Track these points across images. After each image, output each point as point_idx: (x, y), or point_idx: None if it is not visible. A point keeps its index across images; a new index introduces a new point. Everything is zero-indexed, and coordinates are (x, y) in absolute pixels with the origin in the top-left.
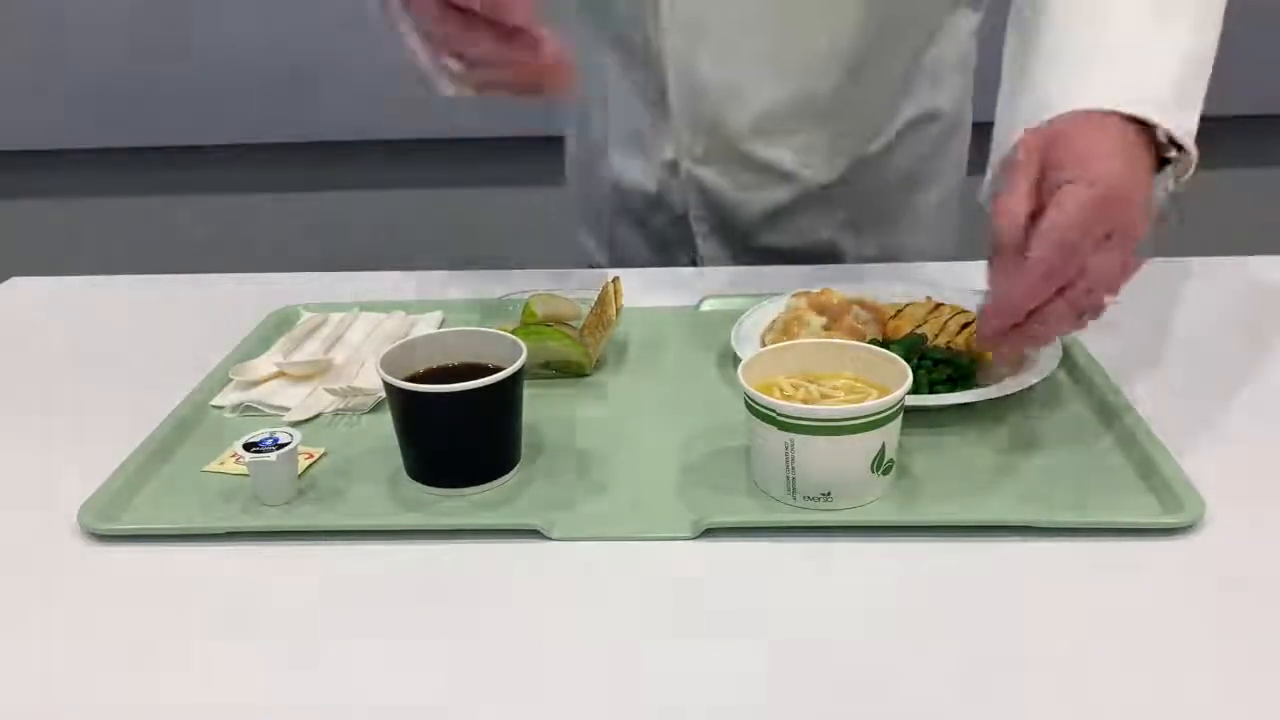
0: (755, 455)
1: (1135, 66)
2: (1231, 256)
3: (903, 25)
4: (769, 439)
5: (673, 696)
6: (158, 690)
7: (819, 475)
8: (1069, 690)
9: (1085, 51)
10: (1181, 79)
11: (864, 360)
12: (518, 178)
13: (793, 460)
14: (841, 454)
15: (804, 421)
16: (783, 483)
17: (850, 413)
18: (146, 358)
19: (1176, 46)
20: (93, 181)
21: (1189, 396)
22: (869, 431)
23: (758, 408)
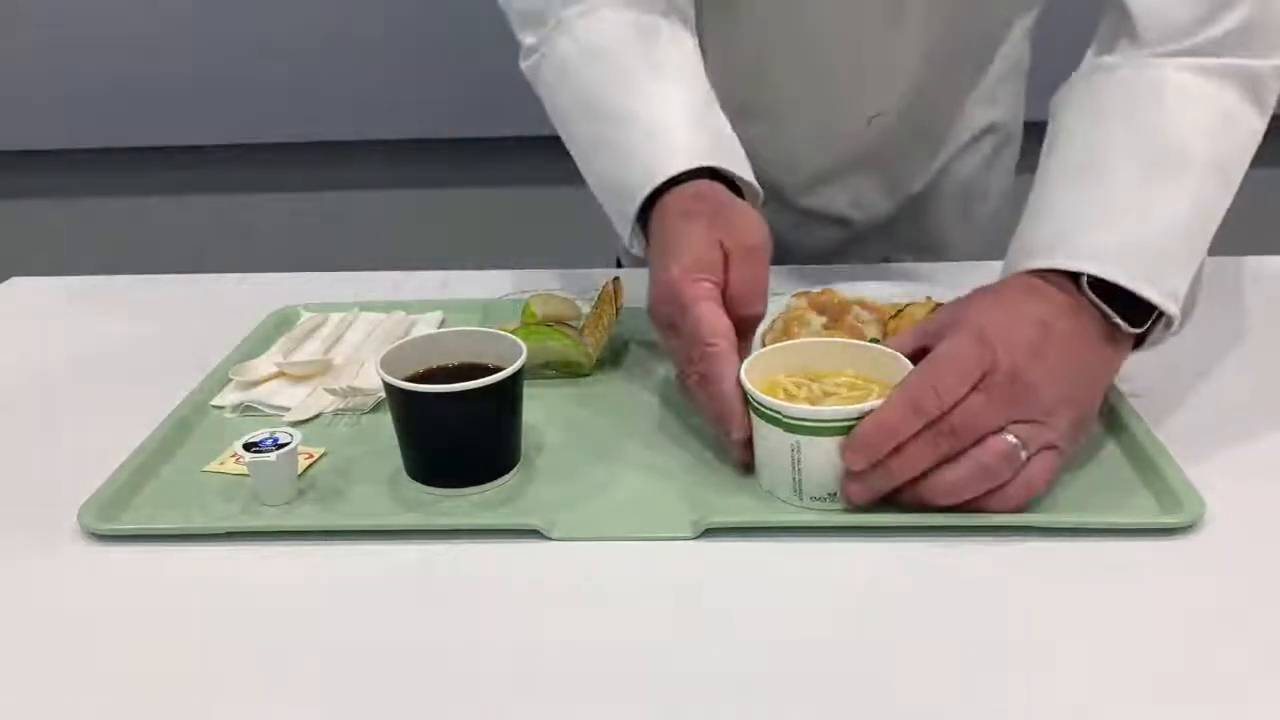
0: (760, 457)
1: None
2: (1231, 256)
3: (955, 75)
4: (774, 440)
5: (673, 696)
6: (158, 690)
7: (826, 475)
8: (1069, 690)
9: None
10: (1173, 239)
11: (865, 357)
12: (518, 178)
13: (799, 462)
14: None
15: (810, 423)
16: (789, 484)
17: (856, 412)
18: (146, 358)
19: (1176, 203)
20: (93, 181)
21: (1189, 396)
22: None
23: (763, 410)
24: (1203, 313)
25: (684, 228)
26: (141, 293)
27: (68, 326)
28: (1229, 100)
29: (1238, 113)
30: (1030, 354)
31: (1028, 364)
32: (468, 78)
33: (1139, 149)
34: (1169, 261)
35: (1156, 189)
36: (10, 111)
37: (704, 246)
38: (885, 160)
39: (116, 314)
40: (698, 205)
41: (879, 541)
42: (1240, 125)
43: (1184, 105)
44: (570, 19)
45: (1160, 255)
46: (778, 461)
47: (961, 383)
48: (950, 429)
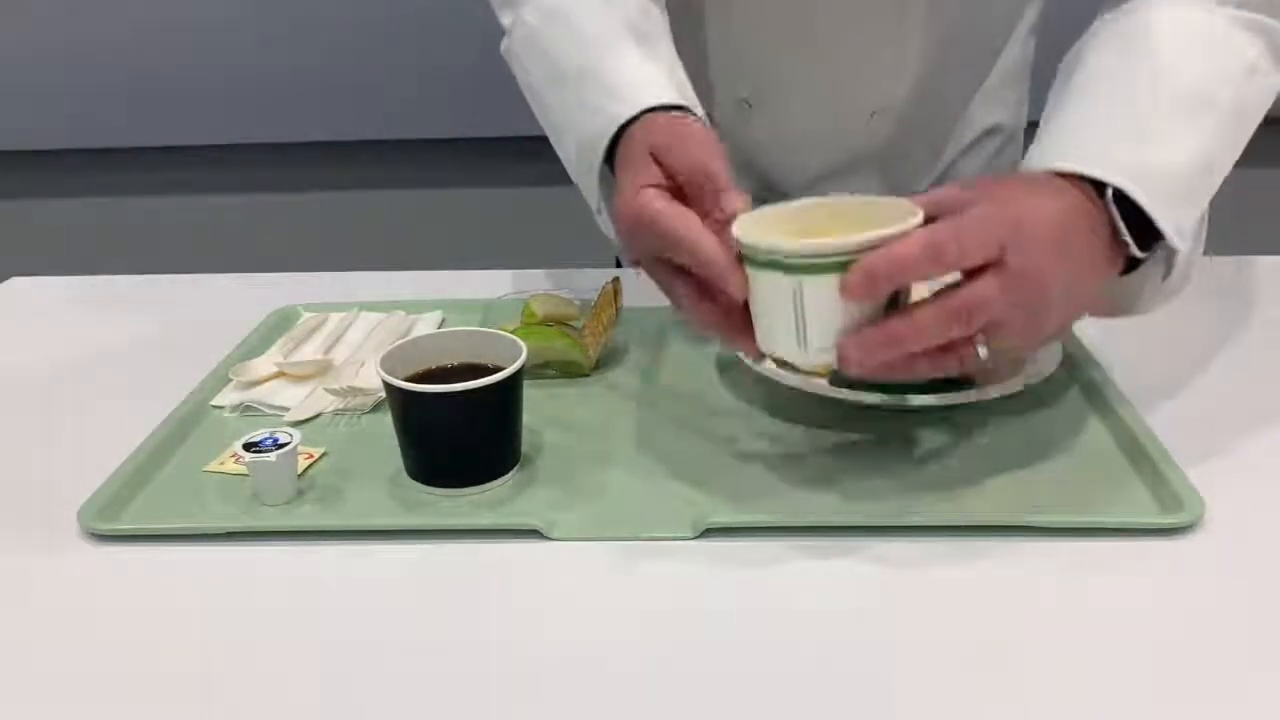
0: (760, 315)
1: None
2: (1231, 256)
3: (958, 72)
4: (774, 290)
5: (673, 696)
6: (158, 690)
7: (832, 321)
8: (1069, 690)
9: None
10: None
11: (872, 215)
12: (518, 178)
13: (802, 309)
14: None
15: (812, 260)
16: (793, 337)
17: (860, 244)
18: (146, 358)
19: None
20: (93, 181)
21: (1189, 396)
22: None
23: (758, 256)
24: (1203, 313)
25: (625, 159)
26: (141, 293)
27: (68, 326)
28: (1253, 53)
29: (1260, 67)
30: (1051, 251)
31: (1046, 260)
32: (468, 78)
33: (1169, 82)
34: (1185, 195)
35: (1183, 122)
36: (10, 111)
37: (639, 163)
38: (887, 159)
39: (116, 314)
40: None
41: (879, 541)
42: (1260, 79)
43: (1213, 48)
44: None
45: (1179, 186)
46: (778, 314)
47: (983, 247)
48: (961, 305)
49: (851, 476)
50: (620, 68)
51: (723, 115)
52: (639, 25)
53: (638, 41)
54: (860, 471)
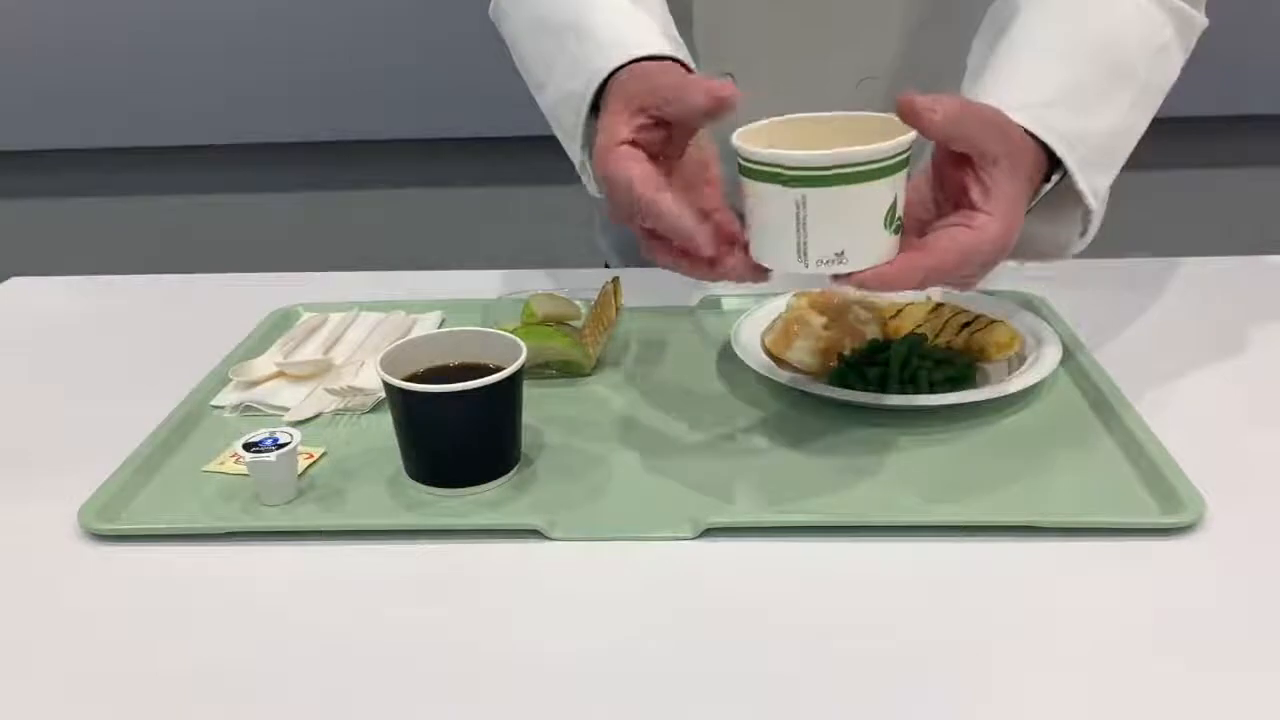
0: (759, 227)
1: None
2: (1231, 256)
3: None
4: (775, 202)
5: (673, 696)
6: (158, 690)
7: (833, 232)
8: (1069, 690)
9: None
10: (1111, 140)
11: (860, 129)
12: (518, 178)
13: (804, 219)
14: (856, 205)
15: (815, 171)
16: (793, 248)
17: (866, 155)
18: (146, 358)
19: (1116, 110)
20: (93, 181)
21: (1189, 396)
22: (882, 179)
23: (761, 167)
24: (1203, 313)
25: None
26: (141, 293)
27: (68, 326)
28: (1167, 33)
29: (1170, 47)
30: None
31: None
32: (467, 78)
33: (1102, 53)
34: (1107, 161)
35: (1113, 93)
36: (10, 111)
37: (618, 109)
38: None
39: (116, 314)
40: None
41: (878, 541)
42: (1170, 60)
43: (1134, 24)
44: None
45: (1103, 154)
46: (778, 225)
47: (982, 270)
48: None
49: (851, 477)
50: (611, 22)
51: None
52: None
53: None
54: (860, 472)
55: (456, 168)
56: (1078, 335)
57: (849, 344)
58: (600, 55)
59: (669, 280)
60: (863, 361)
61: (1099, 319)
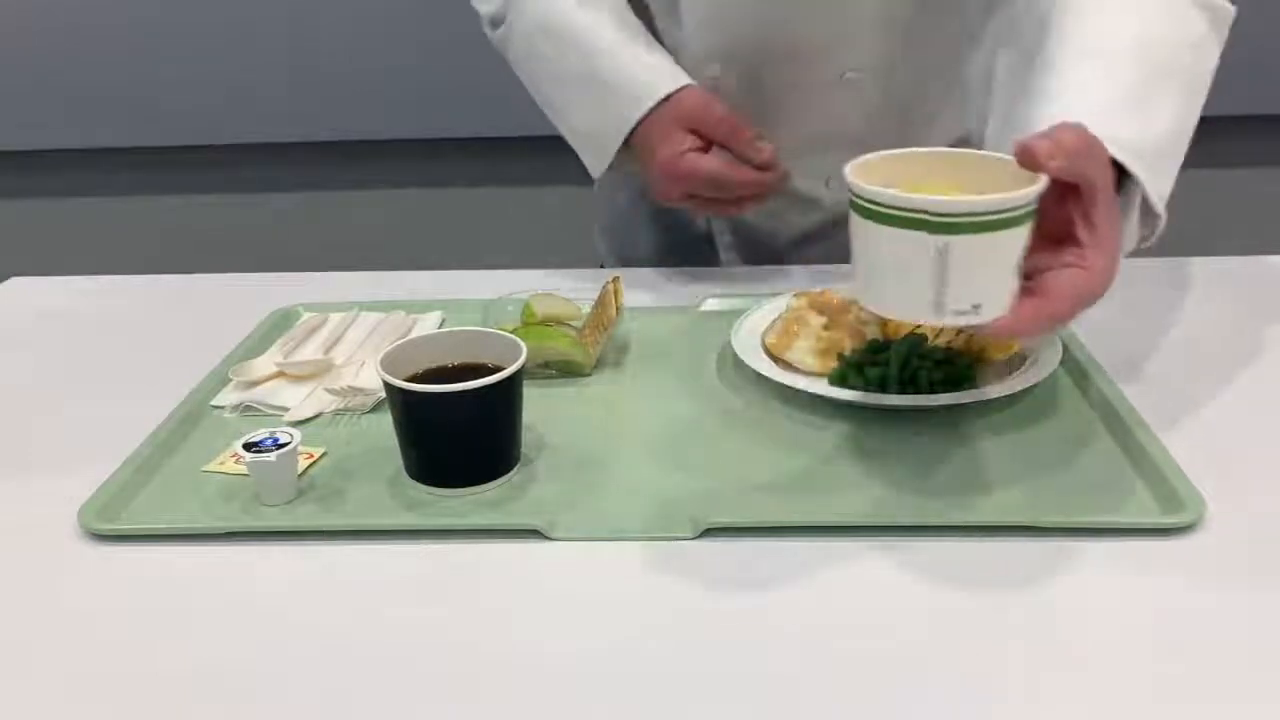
0: (888, 273)
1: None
2: (1231, 256)
3: (933, 46)
4: (914, 249)
5: (673, 696)
6: (158, 690)
7: (973, 282)
8: (1070, 690)
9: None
10: (1171, 142)
11: (963, 167)
12: (518, 178)
13: (946, 268)
14: (998, 254)
15: (965, 219)
16: (928, 299)
17: (1013, 202)
18: (146, 358)
19: (1170, 109)
20: (93, 181)
21: (1189, 396)
22: (1024, 225)
23: (902, 213)
24: (1203, 313)
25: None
26: (142, 292)
27: (68, 326)
28: (1202, 28)
29: (1207, 41)
30: None
31: None
32: (468, 78)
33: (1144, 53)
34: (1168, 165)
35: (1163, 92)
36: (10, 111)
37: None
38: (858, 134)
39: (116, 314)
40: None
41: (879, 541)
42: (1210, 53)
43: (1172, 19)
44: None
45: (1165, 159)
46: (914, 273)
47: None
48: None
49: (851, 477)
50: (626, 68)
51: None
52: (626, 20)
53: (631, 38)
54: (860, 472)
55: (456, 168)
56: (1078, 335)
57: (849, 344)
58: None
59: (669, 280)
60: (863, 361)
61: (1099, 319)
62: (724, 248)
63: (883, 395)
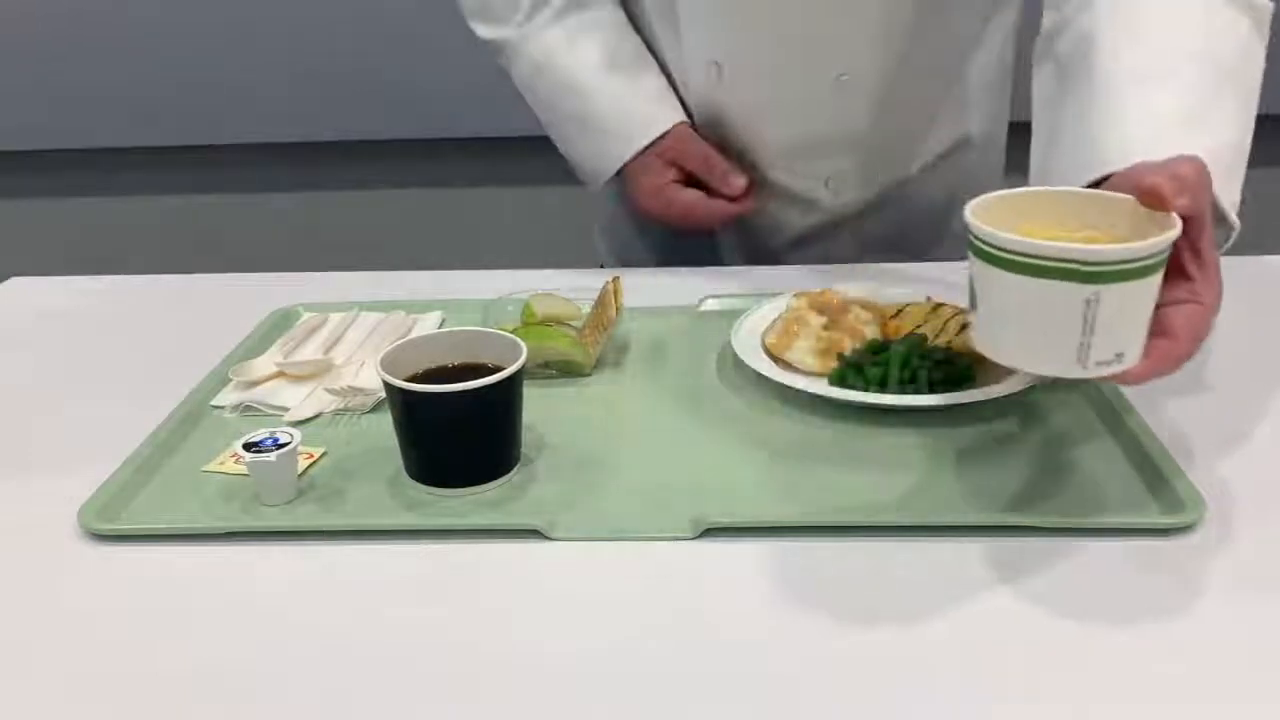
0: (1027, 325)
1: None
2: (1231, 256)
3: (931, 49)
4: (1060, 300)
5: (673, 696)
6: (158, 690)
7: (1119, 330)
8: (1070, 690)
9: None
10: (1235, 151)
11: (1070, 207)
12: (518, 178)
13: (1094, 318)
14: (1143, 300)
15: (1119, 266)
16: (1073, 350)
17: (1159, 246)
18: (146, 358)
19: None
20: (93, 181)
21: (1189, 396)
22: (1163, 269)
23: (1050, 263)
24: None
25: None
26: (141, 292)
27: (68, 326)
28: (1246, 30)
29: (1251, 43)
30: None
31: None
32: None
33: (1199, 64)
34: (1236, 171)
35: (1223, 99)
36: (10, 111)
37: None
38: (856, 136)
39: (116, 314)
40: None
41: (879, 541)
42: (1254, 56)
43: (1221, 28)
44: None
45: (1232, 166)
46: (1059, 324)
47: None
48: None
49: (852, 477)
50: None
51: (695, 82)
52: (620, 52)
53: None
54: (860, 472)
55: (456, 168)
56: None
57: (849, 344)
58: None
59: (669, 280)
60: (863, 361)
61: None
62: (724, 248)
63: (883, 395)
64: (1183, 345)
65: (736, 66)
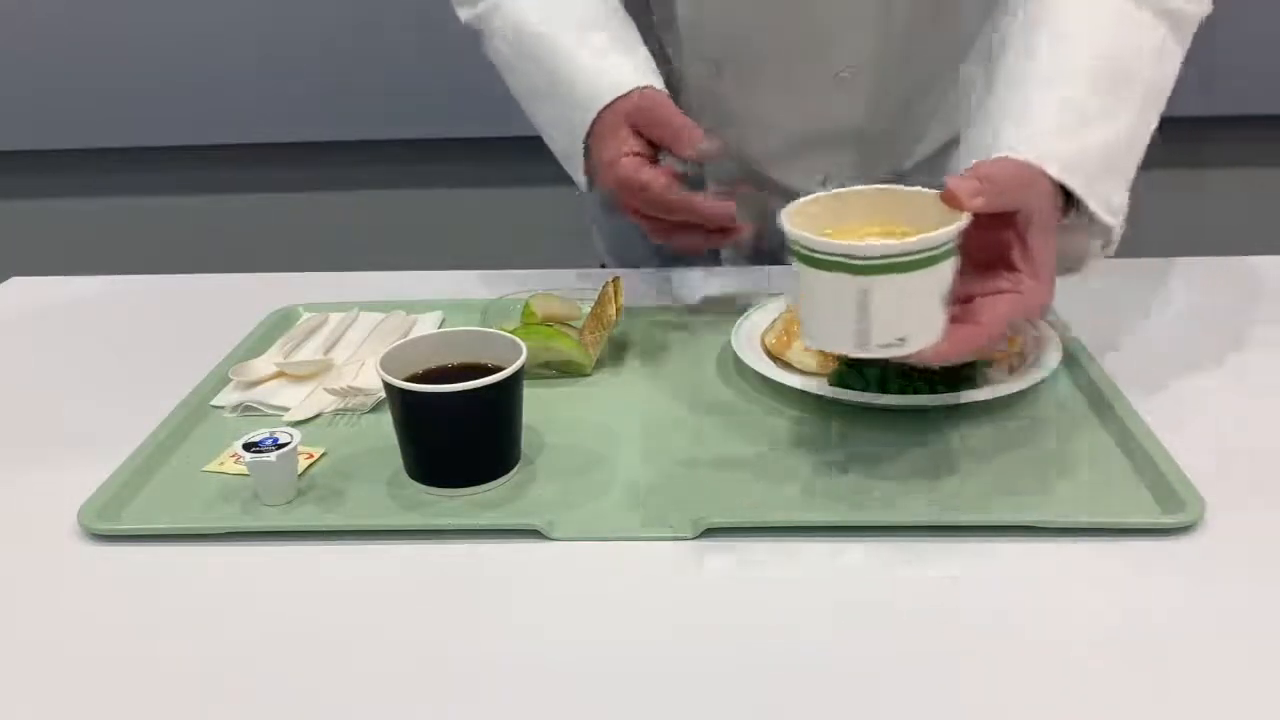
0: (816, 312)
1: (1078, 135)
2: (1231, 257)
3: (932, 44)
4: (837, 290)
5: (673, 696)
6: (158, 690)
7: (897, 319)
8: (1069, 690)
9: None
10: (1117, 152)
11: (885, 204)
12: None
13: (868, 307)
14: (920, 291)
15: (884, 261)
16: (852, 335)
17: (931, 242)
18: (146, 358)
19: (1123, 119)
20: (93, 181)
21: (1189, 396)
22: (944, 262)
23: (825, 257)
24: (1203, 313)
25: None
26: (142, 293)
27: (68, 326)
28: (1161, 34)
29: (1166, 48)
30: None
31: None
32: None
33: (1092, 66)
34: (1113, 172)
35: (1111, 104)
36: (10, 111)
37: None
38: (858, 133)
39: (116, 314)
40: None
41: (879, 541)
42: (1169, 60)
43: (1131, 31)
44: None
45: (1107, 167)
46: (839, 309)
47: None
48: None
49: (851, 476)
50: (581, 72)
51: (693, 81)
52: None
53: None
54: (860, 471)
55: (456, 168)
56: (1078, 335)
57: None
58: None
59: (669, 280)
60: (863, 361)
61: (1099, 319)
62: (724, 247)
63: (883, 395)
64: (983, 331)
65: (736, 64)
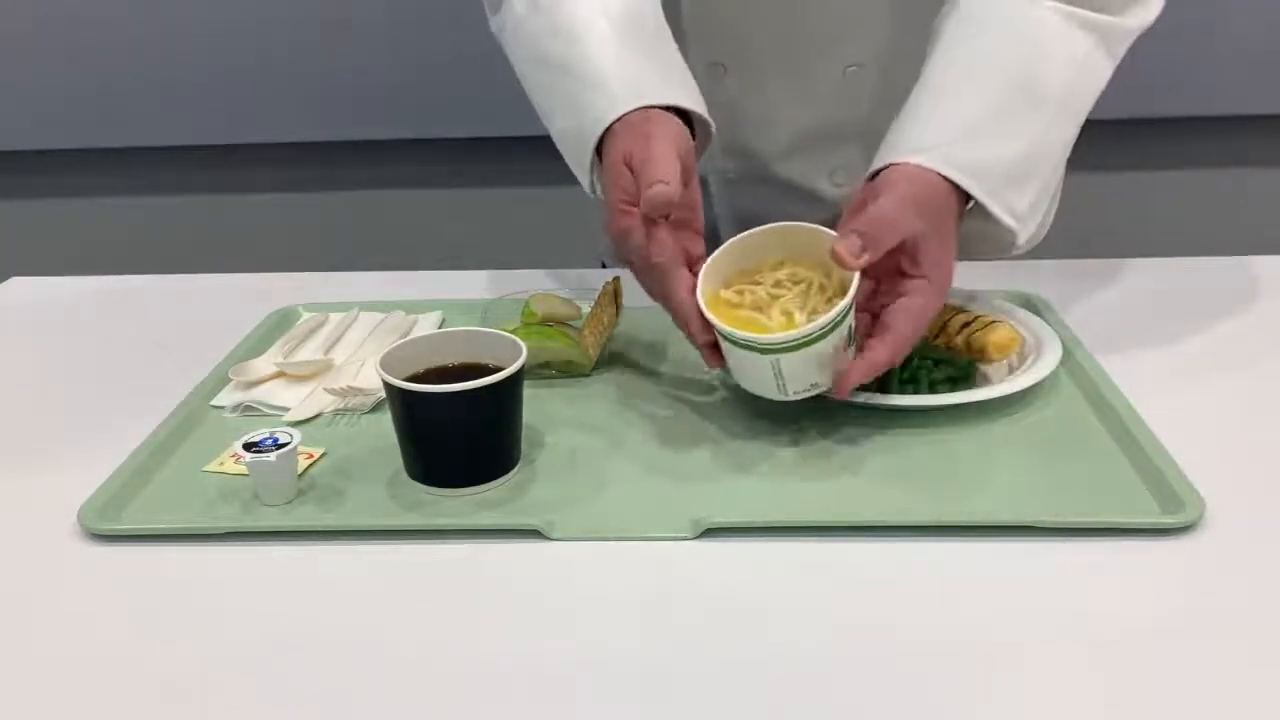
0: (743, 372)
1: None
2: (1231, 256)
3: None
4: (754, 361)
5: (673, 696)
6: (158, 690)
7: (805, 375)
8: (1069, 690)
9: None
10: (1024, 160)
11: (791, 240)
12: (518, 178)
13: (780, 372)
14: (823, 353)
15: (785, 344)
16: (773, 389)
17: (825, 323)
18: (146, 357)
19: (1030, 129)
20: (93, 182)
21: (1189, 396)
22: (841, 326)
23: (738, 342)
24: (1203, 313)
25: (606, 164)
26: (142, 293)
27: (68, 326)
28: (1086, 47)
29: (1090, 60)
30: (950, 251)
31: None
32: (468, 78)
33: (1007, 78)
34: (1016, 181)
35: (1019, 115)
36: (10, 111)
37: (615, 172)
38: (864, 128)
39: (117, 314)
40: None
41: (879, 541)
42: (1092, 71)
43: (1050, 44)
44: None
45: (1008, 178)
46: (759, 373)
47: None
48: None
49: (851, 476)
50: (601, 66)
51: (699, 79)
52: (618, 11)
53: (617, 32)
54: (860, 471)
55: (456, 168)
56: (1078, 335)
57: None
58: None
59: None
60: None
61: (1099, 319)
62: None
63: (883, 395)
64: (886, 349)
65: (742, 66)
